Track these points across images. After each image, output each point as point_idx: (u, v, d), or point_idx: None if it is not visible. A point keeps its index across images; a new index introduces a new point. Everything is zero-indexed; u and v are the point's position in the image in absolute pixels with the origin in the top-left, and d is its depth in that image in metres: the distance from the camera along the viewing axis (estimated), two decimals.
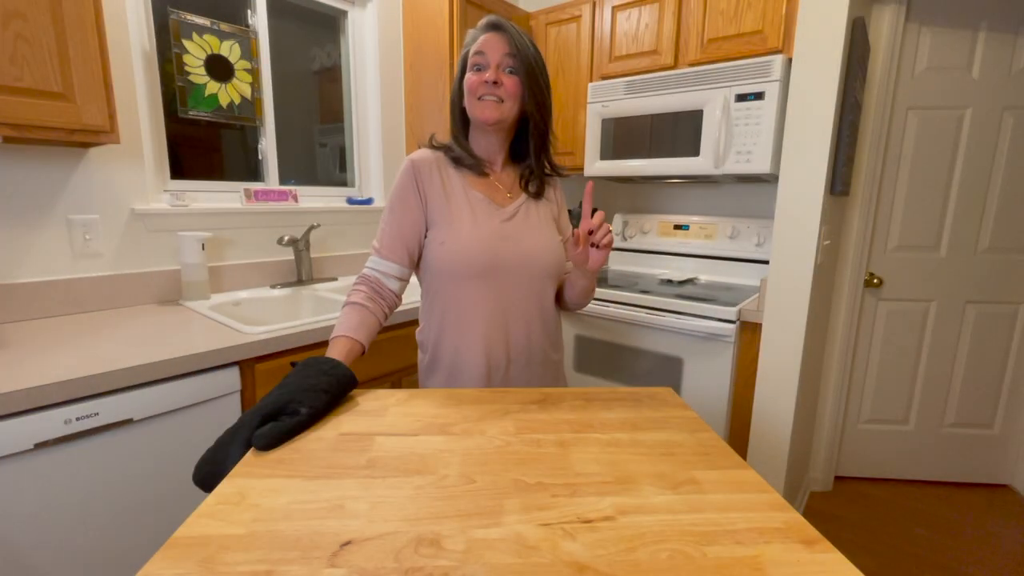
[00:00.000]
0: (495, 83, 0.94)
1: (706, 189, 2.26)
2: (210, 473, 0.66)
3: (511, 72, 0.96)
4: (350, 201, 2.10)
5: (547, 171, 1.08)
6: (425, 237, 1.00)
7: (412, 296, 1.85)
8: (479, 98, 0.96)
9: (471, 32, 0.99)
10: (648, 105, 1.93)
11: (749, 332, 1.65)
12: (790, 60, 1.65)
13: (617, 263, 2.46)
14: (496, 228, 0.99)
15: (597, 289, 1.90)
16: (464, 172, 1.02)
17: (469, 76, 0.96)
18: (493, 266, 0.97)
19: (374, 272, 0.99)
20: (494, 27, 0.96)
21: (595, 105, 2.07)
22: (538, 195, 1.07)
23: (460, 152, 1.02)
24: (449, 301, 1.00)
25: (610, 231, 0.91)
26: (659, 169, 1.94)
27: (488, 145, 1.03)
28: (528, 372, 1.05)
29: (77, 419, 0.94)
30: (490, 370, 1.00)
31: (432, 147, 1.04)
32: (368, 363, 1.48)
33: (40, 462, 0.91)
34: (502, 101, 0.96)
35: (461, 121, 1.03)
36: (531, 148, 1.04)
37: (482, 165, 1.02)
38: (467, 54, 0.98)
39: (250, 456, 0.64)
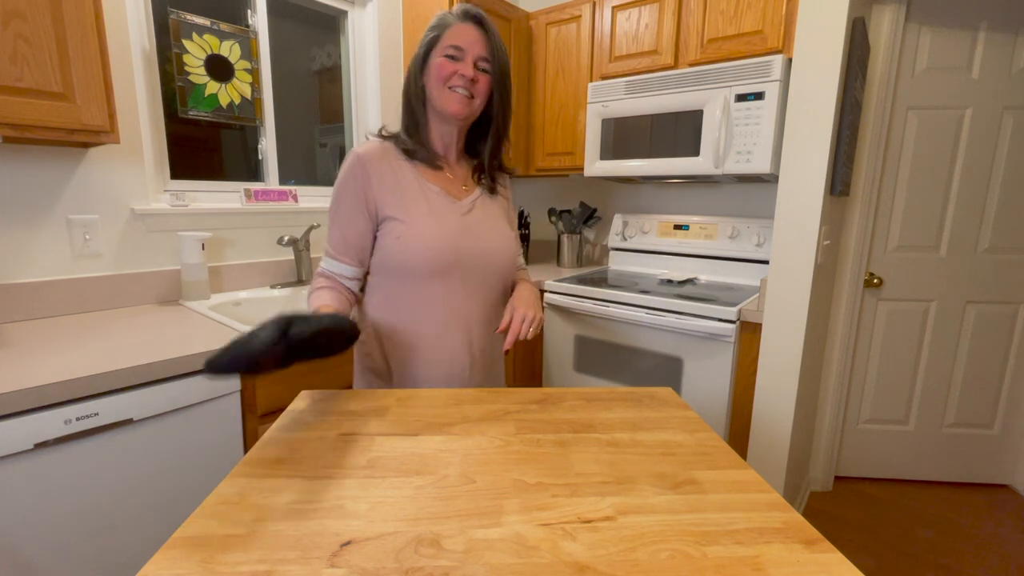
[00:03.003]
0: (472, 80, 0.92)
1: (706, 189, 2.26)
2: (232, 358, 0.62)
3: (484, 71, 0.95)
4: None
5: (498, 169, 1.08)
6: (376, 233, 0.96)
7: None
8: (450, 88, 0.93)
9: (444, 15, 0.95)
10: (648, 105, 1.93)
11: (749, 332, 1.65)
12: (790, 60, 1.65)
13: (617, 263, 2.46)
14: (456, 222, 0.96)
15: (597, 289, 1.91)
16: (416, 163, 0.98)
17: (441, 61, 0.92)
18: (456, 262, 0.94)
19: (330, 272, 0.97)
20: (475, 21, 0.93)
21: (595, 105, 2.07)
22: (493, 190, 1.06)
23: (412, 145, 0.97)
24: (405, 299, 0.95)
25: (525, 321, 0.92)
26: (659, 169, 1.94)
27: (446, 135, 1.00)
28: (487, 373, 1.04)
29: (77, 419, 0.94)
30: (451, 374, 0.98)
31: (381, 137, 0.99)
32: None
33: (40, 462, 0.91)
34: (472, 97, 0.94)
35: (422, 104, 0.97)
36: (488, 148, 1.03)
37: (436, 158, 0.98)
38: (437, 38, 0.93)
39: (250, 456, 0.64)
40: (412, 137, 0.98)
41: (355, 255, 0.96)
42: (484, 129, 1.03)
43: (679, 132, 1.87)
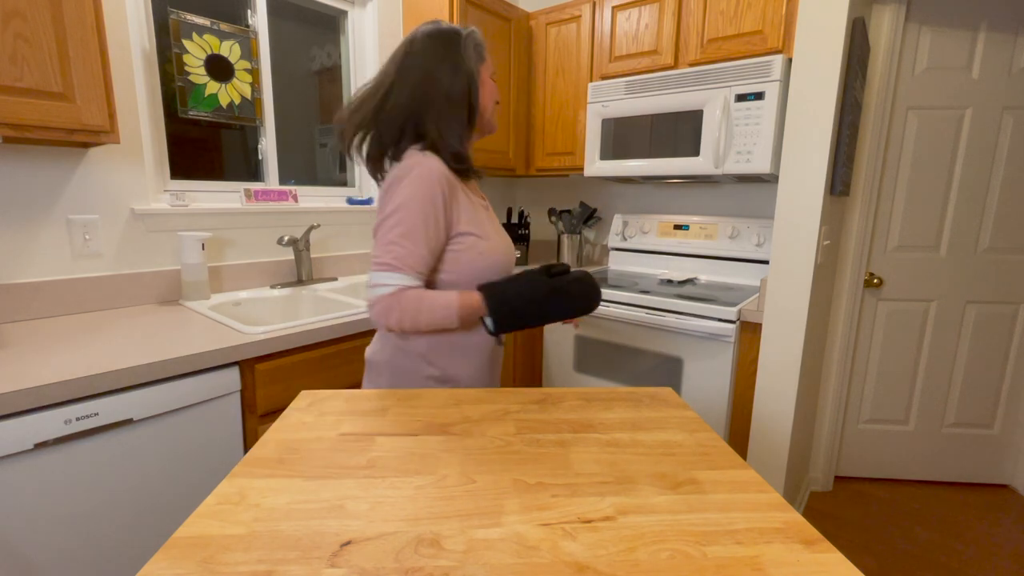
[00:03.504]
0: None
1: (706, 189, 2.26)
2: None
3: None
4: (350, 201, 2.10)
5: None
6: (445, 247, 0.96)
7: None
8: (495, 103, 1.03)
9: (479, 36, 0.98)
10: (648, 105, 1.93)
11: (749, 332, 1.65)
12: (790, 60, 1.65)
13: (617, 263, 2.46)
14: (504, 232, 1.06)
15: None
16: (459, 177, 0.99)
17: (494, 84, 1.01)
18: (511, 271, 1.03)
19: (411, 286, 0.90)
20: None
21: (595, 105, 2.07)
22: None
23: (467, 163, 0.97)
24: None
25: None
26: (659, 169, 1.94)
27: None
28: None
29: (77, 419, 0.94)
30: (499, 375, 1.10)
31: (438, 152, 0.94)
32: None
33: (40, 462, 0.91)
34: None
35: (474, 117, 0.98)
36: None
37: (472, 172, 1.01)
38: (483, 53, 0.97)
39: (250, 456, 0.64)
40: (458, 150, 0.96)
41: (428, 273, 0.93)
42: None
43: (679, 132, 1.87)
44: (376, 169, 1.00)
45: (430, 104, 0.93)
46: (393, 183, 0.90)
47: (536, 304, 0.91)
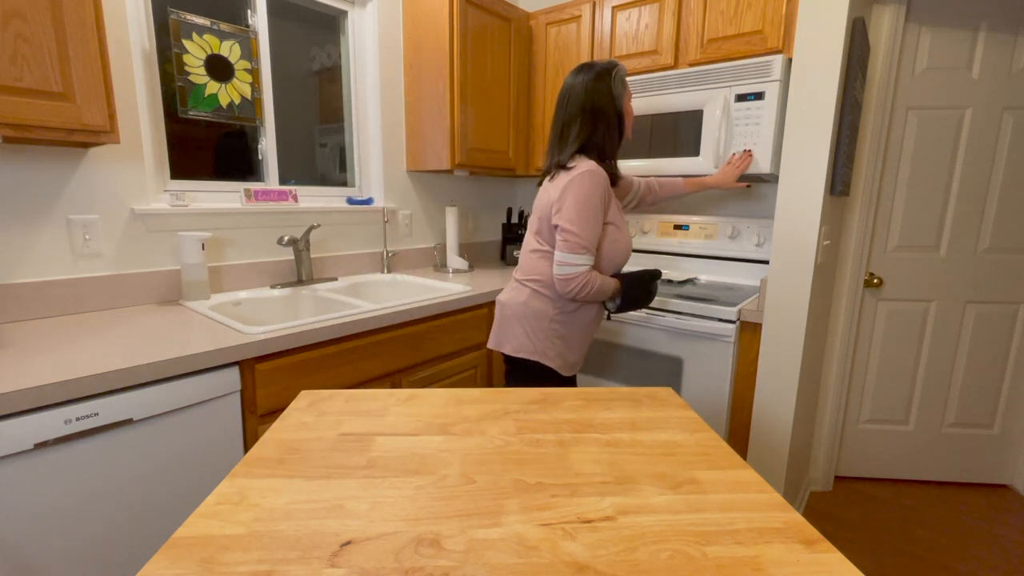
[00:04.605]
0: None
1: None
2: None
3: None
4: (350, 201, 2.10)
5: None
6: None
7: (410, 297, 1.85)
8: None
9: (625, 71, 1.27)
10: (648, 105, 1.93)
11: (749, 332, 1.65)
12: (790, 60, 1.65)
13: None
14: None
15: None
16: None
17: (630, 106, 1.31)
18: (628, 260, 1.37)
19: (588, 264, 1.19)
20: None
21: None
22: None
23: (617, 170, 1.30)
24: None
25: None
26: (659, 169, 1.94)
27: None
28: None
29: (77, 419, 0.94)
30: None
31: (599, 160, 1.25)
32: (368, 363, 1.48)
33: (40, 462, 0.91)
34: None
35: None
36: None
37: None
38: (626, 83, 1.27)
39: (250, 456, 0.64)
40: (613, 161, 1.29)
41: None
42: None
43: (679, 132, 1.87)
44: (546, 175, 1.32)
45: (595, 129, 1.25)
46: (573, 182, 1.18)
47: (642, 302, 1.31)
